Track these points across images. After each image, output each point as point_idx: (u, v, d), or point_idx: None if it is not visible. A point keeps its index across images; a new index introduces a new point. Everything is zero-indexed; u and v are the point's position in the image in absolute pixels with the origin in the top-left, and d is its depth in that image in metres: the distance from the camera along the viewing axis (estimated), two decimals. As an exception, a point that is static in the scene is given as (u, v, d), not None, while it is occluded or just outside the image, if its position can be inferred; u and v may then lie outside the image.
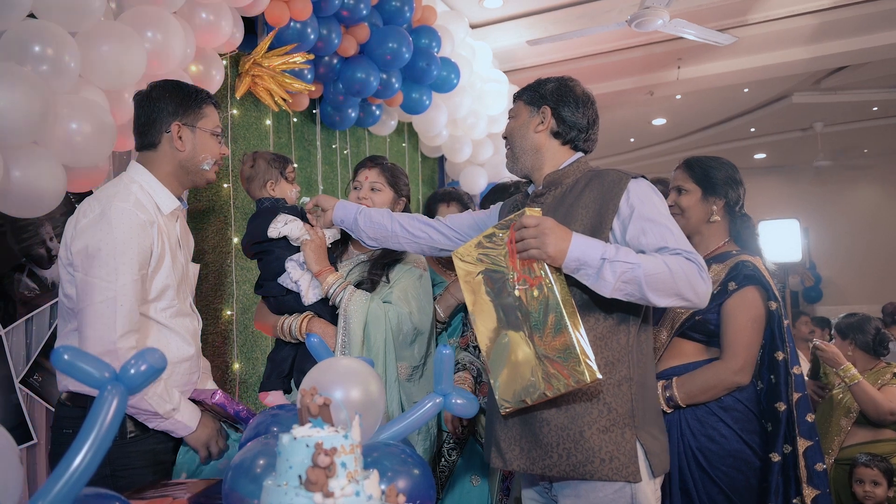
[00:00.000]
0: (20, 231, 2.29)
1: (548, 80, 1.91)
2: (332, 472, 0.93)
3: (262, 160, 2.28)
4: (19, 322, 2.29)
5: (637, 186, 1.70)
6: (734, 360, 2.01)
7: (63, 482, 0.99)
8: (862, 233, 9.77)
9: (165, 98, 1.84)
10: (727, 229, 2.23)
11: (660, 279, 1.54)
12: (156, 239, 1.77)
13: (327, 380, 1.33)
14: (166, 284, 1.81)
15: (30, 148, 1.98)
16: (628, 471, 1.60)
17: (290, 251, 2.21)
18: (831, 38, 5.44)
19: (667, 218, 1.66)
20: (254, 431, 1.48)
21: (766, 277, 2.07)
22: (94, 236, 1.68)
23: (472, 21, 5.13)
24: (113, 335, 1.66)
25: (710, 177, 2.19)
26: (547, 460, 1.66)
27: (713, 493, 2.00)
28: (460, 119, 4.65)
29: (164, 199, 1.85)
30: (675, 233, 1.64)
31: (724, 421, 2.01)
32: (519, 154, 1.90)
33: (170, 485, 1.52)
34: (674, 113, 8.06)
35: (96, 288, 1.67)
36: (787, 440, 2.02)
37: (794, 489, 2.00)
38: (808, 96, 7.56)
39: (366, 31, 3.64)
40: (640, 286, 1.53)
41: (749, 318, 2.03)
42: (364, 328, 2.11)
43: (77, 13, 2.08)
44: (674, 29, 4.45)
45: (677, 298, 1.57)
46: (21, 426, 2.27)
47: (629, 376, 1.66)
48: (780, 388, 2.04)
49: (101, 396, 1.02)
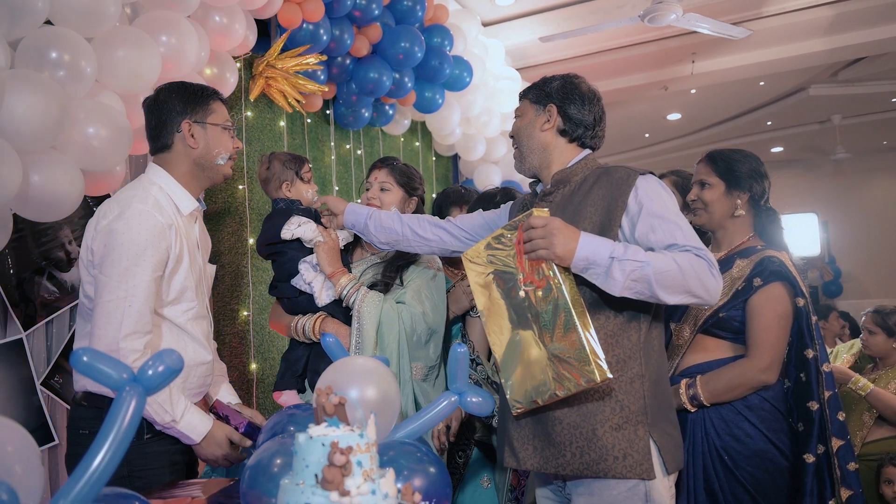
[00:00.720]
0: (39, 235, 2.32)
1: (552, 78, 1.90)
2: (348, 471, 0.93)
3: (277, 161, 2.29)
4: (40, 325, 2.32)
5: (645, 183, 1.68)
6: (760, 358, 1.97)
7: (83, 482, 1.00)
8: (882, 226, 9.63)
9: (172, 99, 1.85)
10: (752, 224, 2.17)
11: (669, 276, 1.53)
12: (174, 241, 1.77)
13: (342, 379, 1.33)
14: (184, 286, 1.82)
15: (48, 153, 2.00)
16: (642, 468, 1.59)
17: (304, 253, 2.22)
18: (848, 29, 5.37)
19: (675, 214, 1.65)
20: (270, 431, 1.49)
21: (794, 273, 2.02)
22: (110, 236, 1.69)
23: (484, 19, 5.12)
24: (117, 335, 1.66)
25: (733, 170, 2.13)
26: (560, 459, 1.66)
27: (738, 494, 1.95)
28: (473, 117, 4.65)
29: (182, 199, 1.86)
30: (685, 229, 1.62)
31: (750, 420, 1.97)
32: (526, 153, 1.89)
33: (187, 484, 1.54)
34: (689, 107, 7.99)
35: (107, 286, 1.68)
36: (820, 440, 1.97)
37: (829, 490, 1.95)
38: (826, 88, 7.46)
39: (378, 31, 3.65)
40: (649, 284, 1.53)
41: (776, 314, 1.99)
42: (377, 329, 2.12)
43: (93, 19, 2.11)
44: (687, 23, 4.41)
45: (687, 295, 1.56)
46: (43, 427, 2.30)
47: (641, 373, 1.65)
48: (812, 387, 1.99)
49: (120, 397, 1.04)
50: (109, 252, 1.68)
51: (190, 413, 1.76)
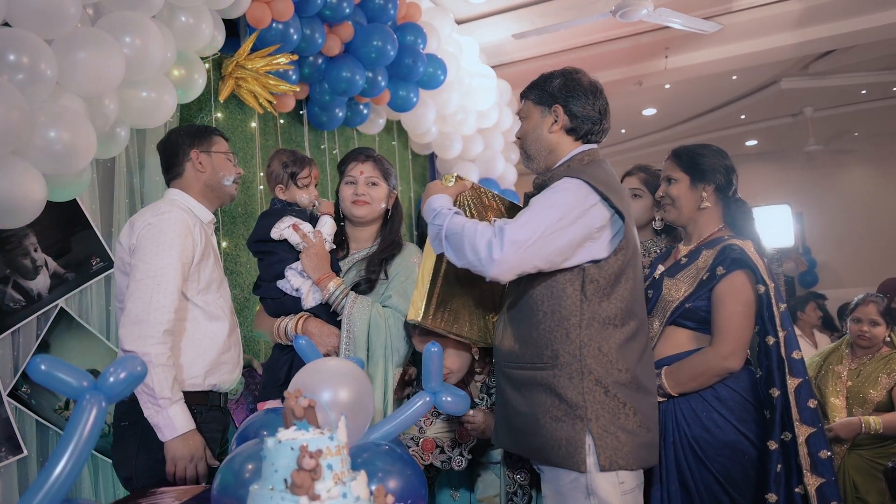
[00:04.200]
0: (3, 242, 2.27)
1: (552, 75, 1.90)
2: (318, 475, 0.91)
3: (276, 161, 2.28)
4: (6, 334, 2.26)
5: (561, 183, 1.75)
6: (723, 344, 1.98)
7: (45, 492, 0.97)
8: (855, 215, 9.76)
9: (181, 135, 2.16)
10: (721, 216, 2.18)
11: (455, 237, 1.71)
12: (199, 237, 2.03)
13: (314, 381, 1.31)
14: (212, 279, 2.07)
15: (8, 158, 1.95)
16: (573, 460, 1.67)
17: (293, 255, 2.19)
18: (817, 22, 5.43)
19: (543, 206, 1.71)
20: (243, 435, 1.46)
21: (754, 260, 2.03)
22: (145, 230, 1.95)
23: (457, 16, 5.10)
24: (147, 307, 1.85)
25: (697, 164, 2.16)
26: (520, 442, 1.79)
27: (710, 484, 1.97)
28: (449, 115, 4.63)
29: (201, 211, 2.14)
30: (525, 215, 1.70)
31: (719, 411, 1.98)
32: (535, 155, 1.92)
33: (158, 492, 1.50)
34: (663, 102, 8.04)
35: (139, 267, 1.91)
36: (784, 427, 1.97)
37: (795, 478, 1.95)
38: (797, 81, 7.54)
39: (350, 29, 3.61)
40: (440, 242, 1.75)
41: (738, 302, 2.00)
42: (367, 335, 2.11)
43: (52, 20, 2.06)
44: (658, 18, 4.43)
45: (460, 256, 1.71)
46: (11, 439, 2.24)
47: (580, 371, 1.69)
48: (773, 374, 2.01)
49: (80, 406, 1.01)
50: (142, 241, 1.93)
51: (183, 405, 1.88)
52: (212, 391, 2.05)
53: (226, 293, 2.16)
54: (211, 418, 2.03)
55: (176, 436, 1.82)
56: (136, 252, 1.94)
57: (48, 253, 2.40)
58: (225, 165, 2.18)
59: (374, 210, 2.28)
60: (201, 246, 2.03)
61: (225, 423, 2.15)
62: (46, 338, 2.37)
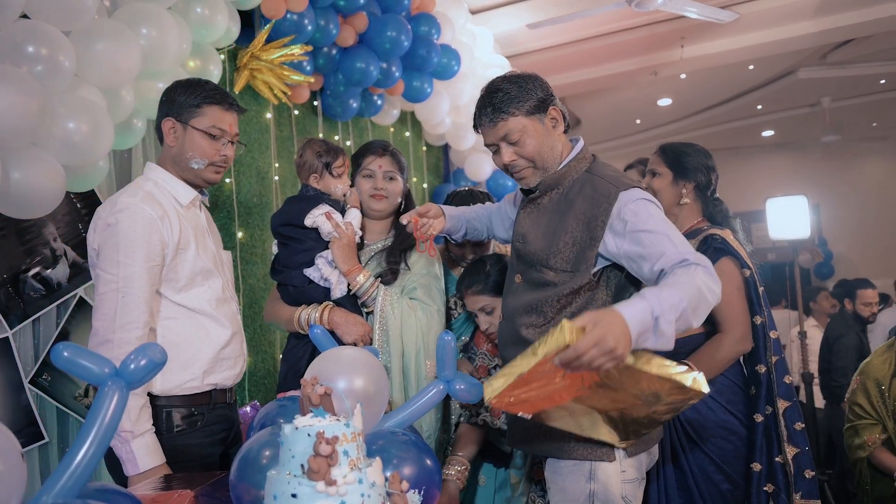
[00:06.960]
0: (24, 233, 2.30)
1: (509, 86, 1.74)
2: (335, 461, 0.92)
3: (309, 150, 2.27)
4: (26, 323, 2.30)
5: (628, 197, 1.66)
6: (734, 329, 2.11)
7: (67, 477, 0.99)
8: (872, 207, 9.67)
9: (168, 95, 1.90)
10: (700, 212, 2.34)
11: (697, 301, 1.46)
12: (170, 230, 1.79)
13: (330, 370, 1.33)
14: (194, 272, 1.84)
15: (28, 149, 1.98)
16: (582, 453, 1.69)
17: (322, 244, 2.19)
18: (835, 11, 5.35)
19: (663, 224, 1.61)
20: (260, 423, 1.48)
21: (735, 247, 2.18)
22: (102, 233, 1.75)
23: (471, 6, 5.08)
24: (112, 325, 1.68)
25: (681, 162, 2.31)
26: (534, 444, 1.79)
27: (704, 464, 2.10)
28: (463, 106, 4.62)
29: (180, 190, 1.89)
30: (674, 238, 1.58)
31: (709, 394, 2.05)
32: (549, 165, 1.77)
33: (175, 478, 1.53)
34: (679, 93, 7.97)
35: (102, 279, 1.73)
36: (768, 401, 2.13)
37: (776, 448, 2.10)
38: (815, 71, 7.46)
39: (364, 20, 3.61)
40: (686, 319, 1.45)
41: (733, 287, 2.12)
42: (400, 329, 2.15)
43: (70, 12, 2.07)
44: (674, 7, 4.39)
45: (708, 305, 1.50)
46: (32, 426, 2.28)
47: None
48: (760, 352, 2.15)
49: (102, 392, 1.03)
50: (103, 247, 1.74)
51: (151, 439, 1.70)
52: (214, 390, 1.89)
53: (215, 283, 1.90)
54: (214, 419, 1.88)
55: (138, 473, 1.64)
56: (98, 257, 1.75)
57: (67, 243, 2.43)
58: (200, 145, 1.86)
59: (392, 204, 2.31)
60: (175, 238, 1.79)
61: (231, 419, 1.99)
62: (66, 326, 2.41)
